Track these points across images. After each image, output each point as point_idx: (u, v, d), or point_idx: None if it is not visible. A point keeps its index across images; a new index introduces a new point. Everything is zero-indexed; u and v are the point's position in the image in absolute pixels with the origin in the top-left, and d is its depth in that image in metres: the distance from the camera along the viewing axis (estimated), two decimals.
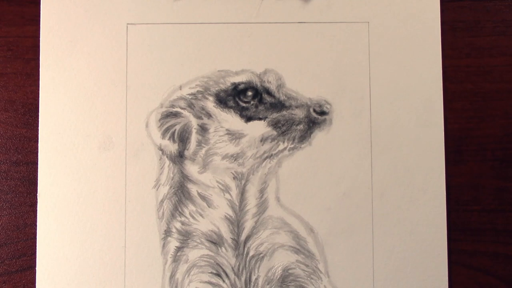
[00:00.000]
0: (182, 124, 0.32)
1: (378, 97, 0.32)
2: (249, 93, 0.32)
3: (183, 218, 0.32)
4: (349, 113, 0.32)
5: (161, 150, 0.32)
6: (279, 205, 0.32)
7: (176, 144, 0.32)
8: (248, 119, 0.32)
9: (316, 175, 0.32)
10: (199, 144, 0.32)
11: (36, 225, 0.31)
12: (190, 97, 0.32)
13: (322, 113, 0.32)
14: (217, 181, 0.32)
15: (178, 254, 0.32)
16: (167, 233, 0.32)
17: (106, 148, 0.32)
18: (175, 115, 0.32)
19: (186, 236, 0.32)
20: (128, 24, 0.32)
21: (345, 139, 0.32)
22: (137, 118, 0.32)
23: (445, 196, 0.32)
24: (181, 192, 0.32)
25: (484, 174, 0.33)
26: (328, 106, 0.32)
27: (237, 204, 0.32)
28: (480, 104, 0.33)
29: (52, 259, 0.31)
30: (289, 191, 0.32)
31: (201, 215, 0.32)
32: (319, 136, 0.32)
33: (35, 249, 0.31)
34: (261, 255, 0.32)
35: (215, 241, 0.32)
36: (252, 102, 0.32)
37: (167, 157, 0.32)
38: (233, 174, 0.32)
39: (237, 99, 0.32)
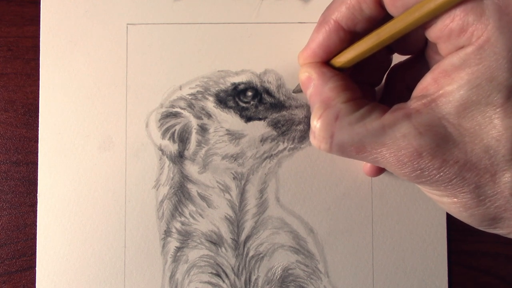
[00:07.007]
0: (182, 124, 0.32)
1: None
2: (249, 93, 0.32)
3: (183, 218, 0.32)
4: None
5: (161, 150, 0.32)
6: (279, 205, 0.32)
7: (176, 144, 0.32)
8: (248, 119, 0.32)
9: (316, 175, 0.32)
10: (199, 144, 0.32)
11: (36, 225, 0.31)
12: (190, 97, 0.32)
13: None
14: (217, 181, 0.32)
15: (178, 254, 0.32)
16: (167, 233, 0.32)
17: (106, 148, 0.32)
18: (175, 115, 0.32)
19: (186, 236, 0.32)
20: (128, 24, 0.32)
21: None
22: (137, 118, 0.32)
23: None
24: (181, 192, 0.32)
25: None
26: None
27: (237, 204, 0.32)
28: None
29: (52, 259, 0.31)
30: (289, 191, 0.32)
31: (201, 215, 0.32)
32: None
33: (35, 249, 0.31)
34: (261, 255, 0.32)
35: (215, 241, 0.32)
36: (252, 102, 0.32)
37: (167, 157, 0.32)
38: (233, 174, 0.32)
39: (237, 99, 0.32)
